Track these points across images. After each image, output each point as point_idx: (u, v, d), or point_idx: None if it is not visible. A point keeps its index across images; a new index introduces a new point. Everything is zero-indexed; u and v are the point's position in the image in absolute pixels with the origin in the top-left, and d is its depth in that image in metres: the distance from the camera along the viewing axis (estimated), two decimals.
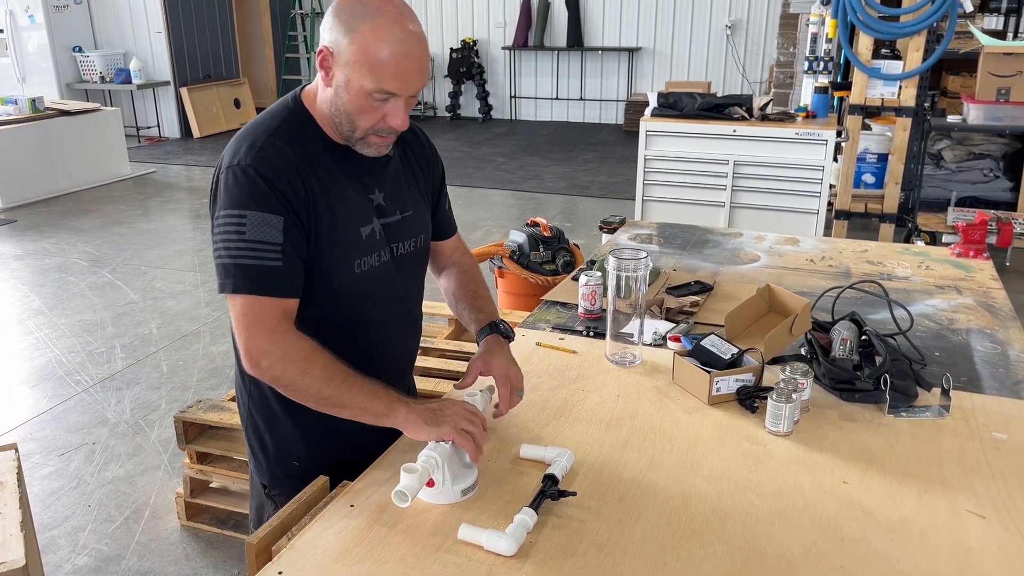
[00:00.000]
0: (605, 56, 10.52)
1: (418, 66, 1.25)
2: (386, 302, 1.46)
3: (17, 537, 1.69)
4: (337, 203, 1.34)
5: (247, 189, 1.26)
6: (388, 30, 1.22)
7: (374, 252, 1.40)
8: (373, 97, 1.26)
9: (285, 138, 1.31)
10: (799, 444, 1.42)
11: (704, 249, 2.53)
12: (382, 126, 1.30)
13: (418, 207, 1.50)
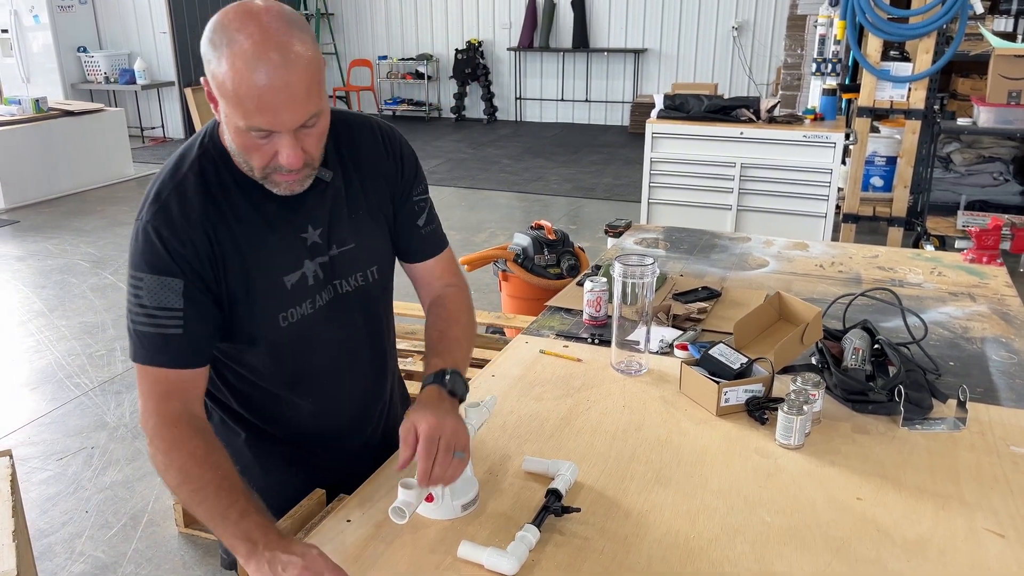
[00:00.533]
0: (611, 57, 10.47)
1: (288, 96, 1.04)
2: (329, 350, 1.32)
3: (9, 547, 1.65)
4: (253, 255, 1.19)
5: (143, 250, 1.15)
6: (247, 59, 1.02)
7: (305, 300, 1.25)
8: (252, 135, 1.08)
9: (195, 185, 1.17)
10: (811, 458, 1.38)
11: (711, 254, 2.49)
12: (277, 164, 1.11)
13: (367, 236, 1.32)
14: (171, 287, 1.14)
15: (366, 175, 1.32)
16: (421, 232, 1.40)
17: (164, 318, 1.15)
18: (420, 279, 1.45)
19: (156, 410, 1.15)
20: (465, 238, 5.66)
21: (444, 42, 11.06)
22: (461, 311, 1.41)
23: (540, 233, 3.57)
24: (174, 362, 1.16)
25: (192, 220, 1.15)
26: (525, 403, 1.56)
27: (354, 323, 1.35)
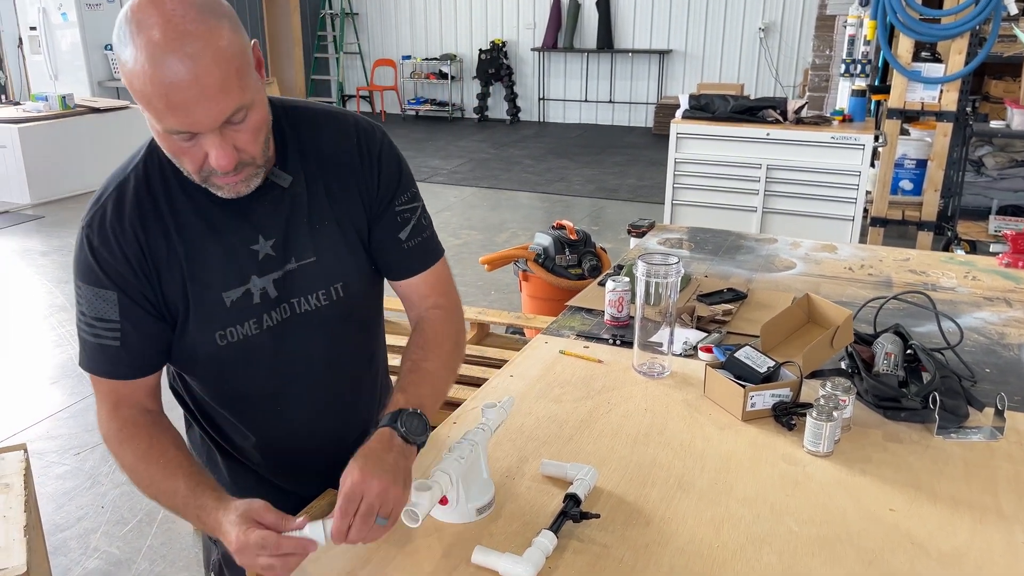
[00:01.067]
0: (635, 58, 10.41)
1: (198, 93, 0.93)
2: (278, 371, 1.20)
3: (20, 542, 1.64)
4: (191, 267, 1.11)
5: (79, 259, 1.10)
6: (150, 51, 0.92)
7: (248, 319, 1.14)
8: (175, 139, 0.99)
9: (134, 189, 1.09)
10: (840, 466, 1.32)
11: (737, 255, 2.43)
12: (210, 167, 1.01)
13: (332, 248, 1.19)
14: (106, 299, 1.09)
15: (333, 180, 1.18)
16: (403, 246, 1.24)
17: (102, 329, 1.10)
18: (404, 297, 1.30)
19: (109, 416, 1.14)
20: (487, 238, 5.63)
21: (468, 42, 11.05)
22: (443, 338, 1.25)
23: (562, 233, 3.52)
24: (114, 373, 1.12)
25: (123, 228, 1.08)
26: (544, 404, 1.52)
27: (313, 347, 1.21)
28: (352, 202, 1.20)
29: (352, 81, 11.56)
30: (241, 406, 1.25)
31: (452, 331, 1.28)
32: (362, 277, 1.24)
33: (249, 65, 1.00)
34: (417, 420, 1.10)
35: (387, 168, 1.22)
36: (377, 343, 1.39)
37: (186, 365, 1.20)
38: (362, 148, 1.20)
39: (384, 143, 1.24)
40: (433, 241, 1.30)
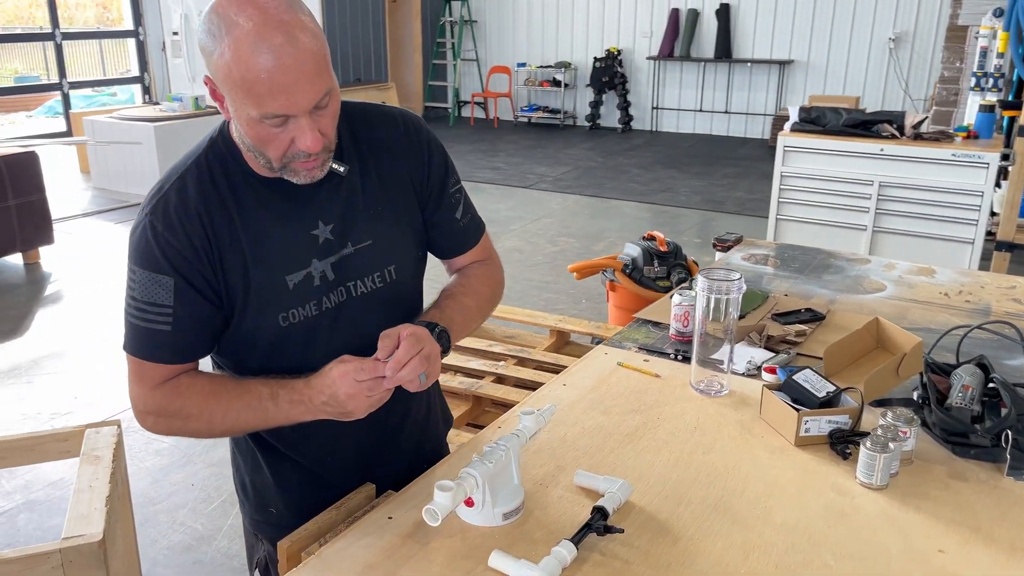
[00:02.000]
0: (754, 68, 10.14)
1: (300, 75, 1.01)
2: (335, 352, 1.19)
3: (100, 511, 1.76)
4: (254, 251, 1.15)
5: (138, 244, 1.13)
6: (249, 44, 0.99)
7: (309, 301, 1.19)
8: (266, 124, 1.04)
9: (197, 178, 1.14)
10: (894, 500, 1.25)
11: (824, 274, 2.33)
12: (295, 151, 1.08)
13: (386, 233, 1.24)
14: (161, 284, 1.12)
15: (387, 171, 1.25)
16: (460, 225, 1.35)
17: (153, 314, 1.13)
18: (454, 267, 1.40)
19: (149, 394, 1.19)
20: (584, 246, 5.62)
21: (583, 50, 11.06)
22: (483, 284, 1.36)
23: (652, 244, 3.48)
24: (160, 358, 1.16)
25: (189, 213, 1.12)
26: (591, 416, 1.51)
27: (367, 328, 1.23)
28: (403, 189, 1.27)
29: (467, 87, 11.78)
30: None
31: (492, 281, 1.39)
32: (411, 260, 1.31)
33: (329, 53, 1.08)
34: (443, 334, 1.22)
35: (436, 157, 1.30)
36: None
37: (243, 351, 1.24)
38: (411, 138, 1.28)
39: (430, 134, 1.32)
40: (477, 216, 1.41)
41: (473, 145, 9.66)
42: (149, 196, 1.16)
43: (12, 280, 4.98)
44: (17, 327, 4.22)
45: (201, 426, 1.20)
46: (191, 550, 2.44)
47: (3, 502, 2.70)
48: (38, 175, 5.18)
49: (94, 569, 1.66)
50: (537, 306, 4.37)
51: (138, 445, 3.04)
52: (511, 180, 7.72)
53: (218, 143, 1.17)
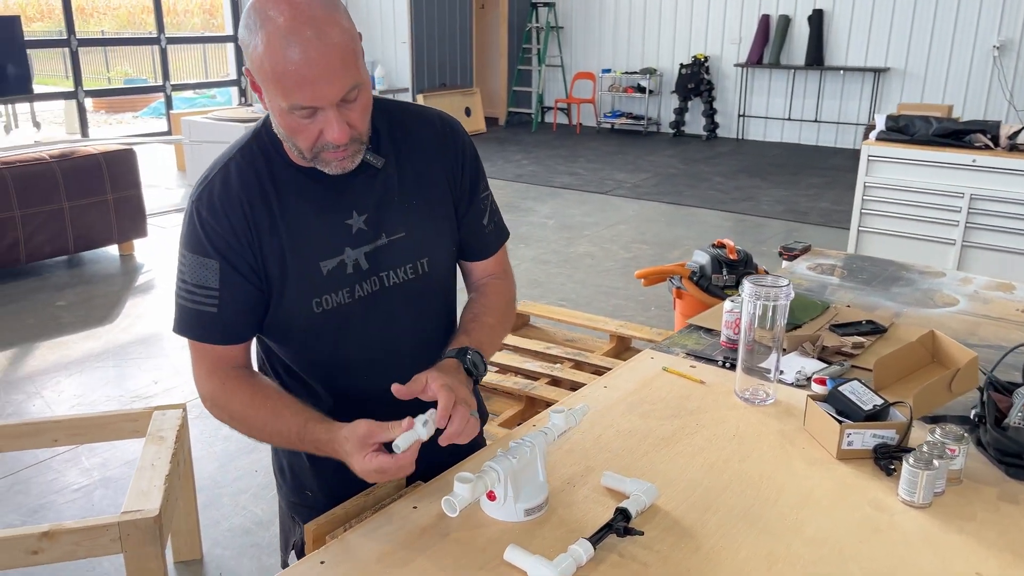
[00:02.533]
0: (847, 76, 9.82)
1: (326, 68, 1.05)
2: (368, 341, 1.29)
3: (159, 489, 1.85)
4: (291, 237, 1.20)
5: (187, 228, 1.20)
6: (282, 34, 1.04)
7: (341, 288, 1.24)
8: (295, 115, 1.09)
9: (240, 167, 1.20)
10: (935, 520, 1.20)
11: (892, 287, 2.25)
12: (324, 142, 1.12)
13: (420, 225, 1.29)
14: (208, 267, 1.18)
15: (422, 166, 1.29)
16: (485, 231, 1.38)
17: (201, 296, 1.19)
18: (471, 274, 1.43)
19: (207, 376, 1.24)
20: (658, 253, 5.55)
21: (669, 56, 10.94)
22: (500, 301, 1.39)
23: (721, 252, 3.41)
24: (209, 337, 1.22)
25: (231, 200, 1.18)
26: (628, 419, 1.50)
27: (399, 318, 1.30)
28: (439, 185, 1.31)
29: (551, 93, 11.80)
30: (328, 375, 1.33)
31: (507, 298, 1.42)
32: (444, 254, 1.34)
33: (361, 50, 1.12)
34: (477, 356, 1.24)
35: (470, 161, 1.34)
36: (452, 322, 1.45)
37: (281, 334, 1.29)
38: (447, 139, 1.32)
39: (466, 138, 1.36)
40: (502, 223, 1.44)
41: (553, 150, 9.68)
42: (197, 184, 1.22)
43: (108, 270, 5.27)
44: (109, 314, 4.45)
45: (243, 429, 1.25)
46: (250, 533, 2.53)
47: (83, 479, 2.85)
48: (135, 171, 5.46)
49: (150, 543, 1.75)
50: (604, 312, 4.34)
51: (209, 431, 3.16)
52: (589, 186, 7.70)
53: (262, 134, 1.23)
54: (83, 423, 2.20)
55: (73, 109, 9.26)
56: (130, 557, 1.75)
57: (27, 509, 2.67)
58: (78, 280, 5.05)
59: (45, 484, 2.82)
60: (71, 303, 4.63)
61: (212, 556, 2.42)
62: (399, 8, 10.12)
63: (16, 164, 4.90)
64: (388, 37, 10.33)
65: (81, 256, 5.47)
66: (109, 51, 15.36)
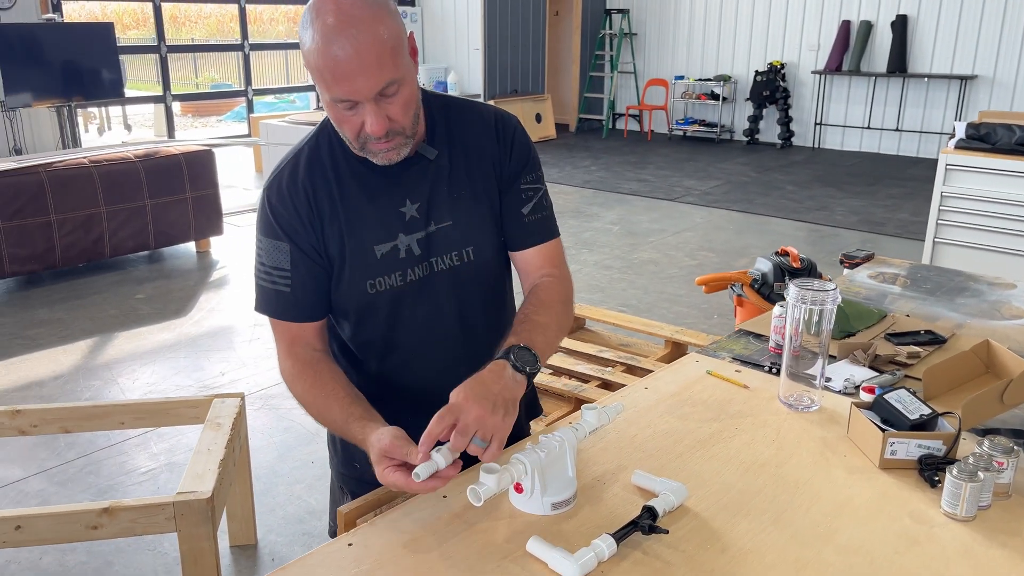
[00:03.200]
0: (931, 84, 9.49)
1: (360, 64, 1.12)
2: (416, 323, 1.36)
3: (213, 472, 1.92)
4: (349, 222, 1.29)
5: (261, 216, 1.31)
6: (324, 32, 1.12)
7: (394, 271, 1.31)
8: (338, 107, 1.17)
9: (307, 158, 1.30)
10: (978, 533, 1.16)
11: (958, 297, 2.17)
12: (366, 134, 1.19)
13: (466, 215, 1.34)
14: (280, 250, 1.28)
15: (473, 158, 1.34)
16: (524, 220, 1.39)
17: (276, 276, 1.29)
18: (522, 268, 1.44)
19: (286, 352, 1.33)
20: (725, 261, 5.46)
21: (745, 63, 10.76)
22: (554, 299, 1.37)
23: (784, 260, 3.35)
24: (285, 315, 1.31)
25: (297, 189, 1.28)
26: (666, 420, 1.49)
27: (446, 302, 1.36)
28: (487, 177, 1.36)
29: (623, 100, 11.75)
30: (378, 354, 1.40)
31: (562, 296, 1.39)
32: (491, 245, 1.39)
33: (403, 48, 1.18)
34: (527, 353, 1.22)
35: (518, 149, 1.38)
36: (506, 315, 1.48)
37: (339, 313, 1.38)
38: (499, 131, 1.37)
39: (518, 129, 1.40)
40: (551, 221, 1.43)
41: (623, 157, 9.63)
42: (269, 175, 1.33)
43: (185, 265, 5.48)
44: (183, 307, 4.63)
45: (307, 411, 1.33)
46: (303, 522, 2.60)
47: (150, 462, 2.98)
48: (213, 172, 5.67)
49: (202, 523, 1.81)
50: (665, 319, 4.30)
51: (270, 422, 3.26)
52: (657, 192, 7.63)
53: (327, 128, 1.32)
54: (148, 408, 2.31)
55: (162, 112, 9.67)
56: (183, 536, 1.82)
57: (97, 489, 2.80)
58: (157, 274, 5.27)
59: (116, 466, 2.95)
60: (149, 296, 4.83)
61: (266, 542, 2.50)
62: (473, 15, 10.24)
63: (104, 163, 5.15)
64: (461, 43, 10.46)
65: (161, 251, 5.71)
66: (198, 57, 15.98)
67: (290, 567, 1.10)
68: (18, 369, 3.80)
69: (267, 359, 3.90)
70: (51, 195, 4.87)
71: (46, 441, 3.10)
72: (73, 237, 5.01)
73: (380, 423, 1.20)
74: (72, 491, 2.79)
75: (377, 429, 1.18)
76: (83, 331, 4.27)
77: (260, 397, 3.50)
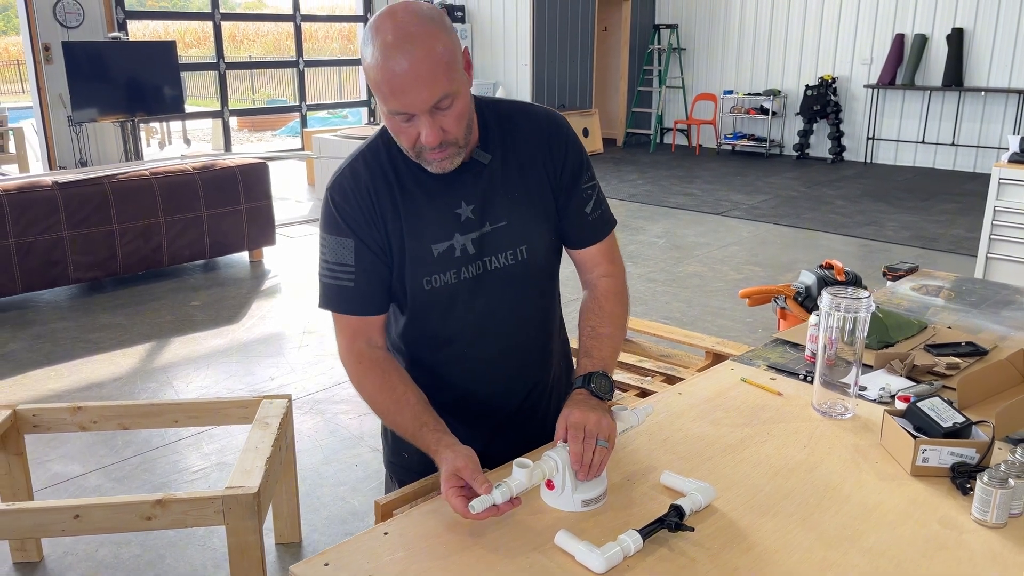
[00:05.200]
0: (989, 98, 9.28)
1: (415, 79, 1.17)
2: (470, 318, 1.41)
3: (259, 469, 1.99)
4: (408, 223, 1.34)
5: (326, 214, 1.36)
6: (383, 49, 1.17)
7: (449, 269, 1.36)
8: (396, 119, 1.23)
9: (368, 161, 1.36)
10: (1008, 541, 1.16)
11: (1003, 310, 2.14)
12: (421, 144, 1.24)
13: (520, 215, 1.39)
14: (345, 246, 1.34)
15: (525, 161, 1.39)
16: (588, 219, 1.45)
17: (341, 272, 1.35)
18: (580, 264, 1.49)
19: (348, 348, 1.38)
20: (770, 276, 5.42)
21: (795, 77, 10.66)
22: (614, 303, 1.45)
23: (828, 273, 3.32)
24: (349, 309, 1.36)
25: (361, 188, 1.34)
26: (699, 425, 1.51)
27: (500, 300, 1.41)
28: (539, 179, 1.41)
29: (671, 114, 11.73)
30: (431, 347, 1.46)
31: (620, 298, 1.47)
32: (543, 244, 1.43)
33: (458, 63, 1.23)
34: (604, 380, 1.34)
35: (572, 153, 1.43)
36: (553, 312, 1.55)
37: (396, 307, 1.45)
38: (551, 136, 1.42)
39: (570, 133, 1.44)
40: (608, 213, 1.49)
41: (670, 171, 9.60)
42: (331, 177, 1.38)
43: (238, 274, 5.64)
44: (236, 314, 4.77)
45: (373, 408, 1.39)
46: (345, 523, 2.66)
47: (202, 462, 3.08)
48: (267, 184, 5.83)
49: (249, 516, 1.89)
50: (709, 332, 4.29)
51: (318, 426, 3.34)
52: (703, 206, 7.60)
53: (385, 135, 1.37)
54: (200, 407, 2.40)
55: (219, 127, 9.96)
56: (231, 529, 1.89)
57: (151, 486, 2.90)
58: (212, 283, 5.43)
59: (169, 464, 3.06)
60: (204, 303, 4.99)
61: (310, 540, 2.57)
62: (522, 31, 10.34)
63: (163, 175, 5.34)
64: (510, 58, 10.57)
65: (216, 260, 5.88)
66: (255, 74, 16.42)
67: (328, 552, 1.15)
68: (80, 371, 3.96)
69: (315, 365, 3.99)
70: (114, 205, 5.07)
71: (105, 439, 3.23)
72: (134, 246, 5.20)
73: (451, 436, 1.27)
74: (128, 487, 2.90)
75: (451, 444, 1.25)
76: (141, 336, 4.43)
77: (308, 402, 3.59)
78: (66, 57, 7.08)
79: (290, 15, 10.17)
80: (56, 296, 5.11)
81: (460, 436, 1.44)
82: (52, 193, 4.85)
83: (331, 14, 12.34)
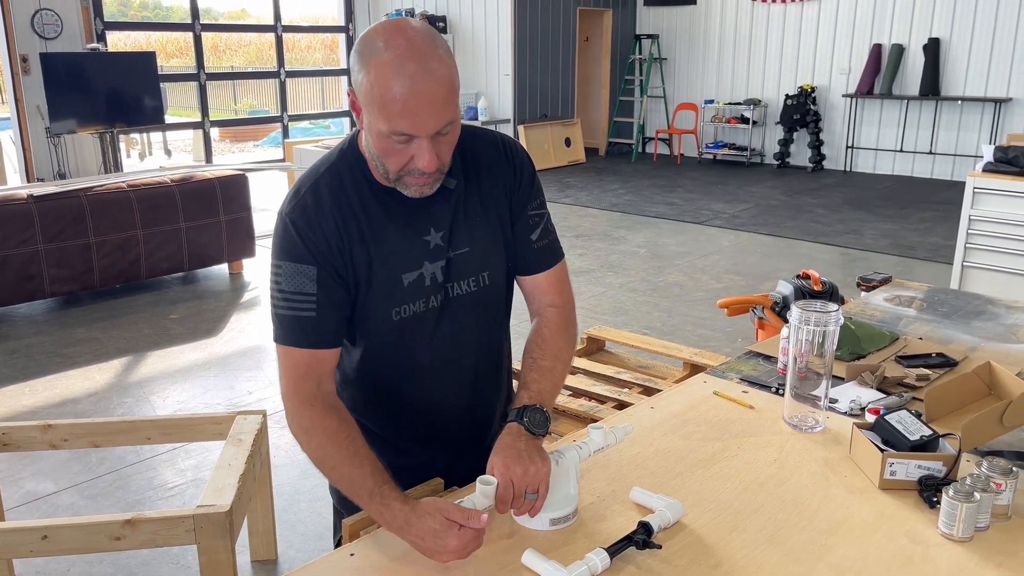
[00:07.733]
0: (965, 107, 9.40)
1: (429, 103, 1.13)
2: (433, 348, 1.37)
3: (232, 487, 1.97)
4: (376, 251, 1.29)
5: (282, 239, 1.27)
6: (394, 66, 1.12)
7: (419, 298, 1.32)
8: (392, 139, 1.17)
9: (329, 184, 1.28)
10: (974, 554, 1.16)
11: (974, 320, 2.16)
12: (412, 167, 1.20)
13: (480, 241, 1.36)
14: (305, 274, 1.25)
15: (485, 184, 1.37)
16: (533, 246, 1.42)
17: (299, 302, 1.25)
18: (527, 292, 1.46)
19: (294, 389, 1.28)
20: (751, 284, 5.45)
21: (775, 87, 10.75)
22: (557, 335, 1.41)
23: (805, 283, 3.34)
24: (308, 342, 1.27)
25: (324, 212, 1.26)
26: (669, 439, 1.51)
27: (462, 327, 1.38)
28: (499, 203, 1.39)
29: (652, 124, 11.78)
30: (391, 381, 1.41)
31: (564, 330, 1.43)
32: (502, 270, 1.41)
33: (459, 89, 1.20)
34: (539, 415, 1.29)
35: (525, 175, 1.41)
36: (505, 334, 1.52)
37: (357, 340, 1.37)
38: (509, 158, 1.40)
39: (525, 157, 1.43)
40: (556, 244, 1.47)
41: (652, 180, 9.65)
42: (288, 199, 1.31)
43: (217, 286, 5.60)
44: (215, 327, 4.74)
45: (315, 456, 1.27)
46: (323, 539, 2.64)
47: (177, 478, 3.05)
48: (246, 195, 5.80)
49: (220, 535, 1.86)
50: (689, 342, 4.30)
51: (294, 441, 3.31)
52: (684, 216, 7.63)
53: (347, 154, 1.31)
54: (173, 424, 2.37)
55: (200, 138, 9.92)
56: (203, 548, 1.87)
57: (125, 504, 2.87)
58: (190, 295, 5.39)
59: (144, 481, 3.03)
60: (182, 316, 4.95)
61: (286, 557, 2.54)
62: (503, 41, 10.37)
63: (141, 187, 5.30)
64: (492, 69, 10.59)
65: (195, 273, 5.84)
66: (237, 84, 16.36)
67: (294, 575, 1.14)
68: (54, 386, 3.91)
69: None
70: (90, 218, 5.03)
71: (79, 456, 3.19)
72: (111, 259, 5.16)
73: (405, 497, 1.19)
74: (102, 505, 2.86)
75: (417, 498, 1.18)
76: (118, 350, 4.39)
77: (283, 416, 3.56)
78: (44, 68, 7.03)
79: (271, 25, 10.15)
80: (32, 310, 5.05)
81: (422, 460, 1.43)
82: (27, 207, 4.81)
83: (313, 24, 12.33)
